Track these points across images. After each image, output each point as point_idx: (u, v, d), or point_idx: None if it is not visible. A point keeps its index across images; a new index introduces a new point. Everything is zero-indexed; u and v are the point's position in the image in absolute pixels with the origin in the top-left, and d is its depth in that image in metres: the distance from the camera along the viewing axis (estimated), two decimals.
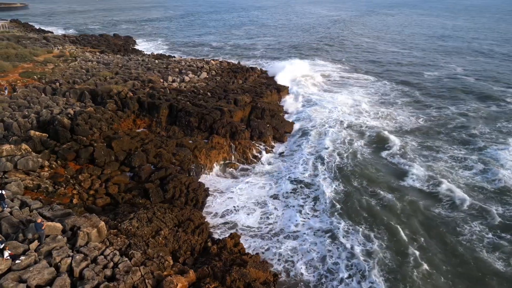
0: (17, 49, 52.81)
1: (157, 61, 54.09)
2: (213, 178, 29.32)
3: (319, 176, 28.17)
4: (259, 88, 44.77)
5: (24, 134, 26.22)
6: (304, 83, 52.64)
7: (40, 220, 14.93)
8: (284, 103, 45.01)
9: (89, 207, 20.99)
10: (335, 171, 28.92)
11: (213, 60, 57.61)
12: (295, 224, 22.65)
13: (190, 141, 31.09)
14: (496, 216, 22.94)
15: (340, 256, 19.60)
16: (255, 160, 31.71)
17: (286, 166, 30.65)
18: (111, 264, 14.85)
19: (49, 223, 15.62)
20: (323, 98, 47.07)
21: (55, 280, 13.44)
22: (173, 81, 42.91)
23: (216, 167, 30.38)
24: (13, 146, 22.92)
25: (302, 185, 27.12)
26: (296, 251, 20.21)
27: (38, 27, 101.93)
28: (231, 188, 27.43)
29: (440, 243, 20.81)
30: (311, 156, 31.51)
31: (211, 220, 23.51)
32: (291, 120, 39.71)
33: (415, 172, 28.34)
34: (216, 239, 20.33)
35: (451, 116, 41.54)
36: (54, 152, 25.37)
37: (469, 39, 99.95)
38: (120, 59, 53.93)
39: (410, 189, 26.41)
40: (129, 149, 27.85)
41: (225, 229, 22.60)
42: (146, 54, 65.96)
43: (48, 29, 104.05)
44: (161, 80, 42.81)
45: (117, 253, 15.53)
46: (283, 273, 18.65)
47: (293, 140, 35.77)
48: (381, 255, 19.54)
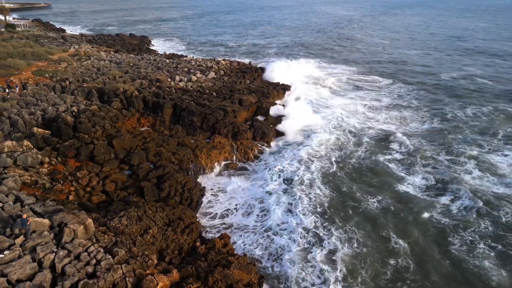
0: (33, 47, 54.34)
1: (168, 60, 54.62)
2: (213, 177, 29.33)
3: (313, 176, 27.87)
4: (266, 88, 44.59)
5: (28, 131, 26.93)
6: (313, 85, 52.12)
7: (25, 215, 15.26)
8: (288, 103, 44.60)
9: (84, 204, 21.34)
10: (330, 173, 28.48)
11: (224, 60, 57.73)
12: (284, 221, 22.46)
13: (191, 141, 31.23)
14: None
15: (319, 261, 19.25)
16: (256, 160, 31.59)
17: (284, 165, 30.26)
18: (94, 261, 15.02)
19: (36, 219, 15.95)
20: (330, 99, 46.45)
21: (36, 275, 13.68)
22: (180, 80, 43.24)
23: (216, 167, 30.41)
24: (14, 142, 23.55)
25: (293, 185, 26.71)
26: (283, 248, 20.08)
27: (58, 27, 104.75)
28: (230, 187, 27.38)
29: (432, 250, 20.21)
30: (311, 156, 31.19)
31: (208, 220, 23.52)
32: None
33: (414, 177, 27.76)
34: (206, 239, 20.32)
35: (464, 119, 40.23)
36: (55, 149, 25.93)
37: (489, 40, 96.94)
38: (132, 59, 54.74)
39: (405, 194, 25.69)
40: (130, 147, 28.19)
41: (220, 229, 22.52)
42: (159, 53, 66.77)
43: (68, 28, 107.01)
44: (169, 79, 43.22)
45: (101, 250, 15.70)
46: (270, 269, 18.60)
47: (293, 140, 35.28)
48: (363, 259, 19.23)
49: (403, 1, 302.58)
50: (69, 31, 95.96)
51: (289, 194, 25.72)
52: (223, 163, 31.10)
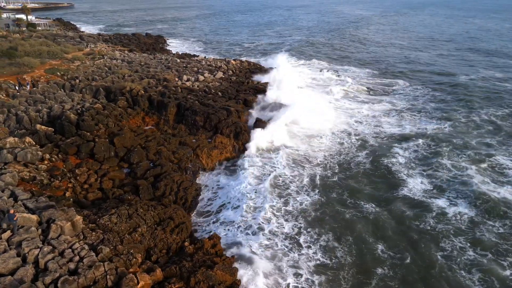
0: (50, 46, 55.77)
1: (178, 60, 55.03)
2: (213, 177, 29.34)
3: (310, 177, 27.60)
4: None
5: (33, 127, 27.59)
6: (322, 87, 51.47)
7: (12, 211, 15.60)
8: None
9: (79, 200, 21.67)
10: (331, 174, 28.06)
11: (234, 60, 57.76)
12: (270, 222, 22.27)
13: (193, 140, 31.35)
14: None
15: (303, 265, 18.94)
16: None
17: (282, 165, 30.01)
18: (77, 258, 15.20)
19: (24, 215, 16.28)
20: (338, 102, 45.77)
21: (18, 269, 13.94)
22: (188, 80, 43.49)
23: (217, 166, 30.39)
24: (16, 139, 24.17)
25: (289, 187, 26.45)
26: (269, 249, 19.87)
27: (78, 26, 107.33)
28: (229, 187, 27.29)
29: (420, 258, 19.58)
30: (311, 157, 30.85)
31: (202, 219, 23.53)
32: None
33: (414, 182, 27.11)
34: (195, 239, 20.29)
35: (478, 123, 39.06)
36: (57, 146, 26.47)
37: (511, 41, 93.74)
38: (144, 58, 55.44)
39: (400, 200, 24.99)
40: (131, 145, 28.51)
41: (212, 228, 22.48)
42: (171, 53, 67.41)
43: (87, 27, 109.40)
44: (176, 78, 43.53)
45: (86, 247, 15.88)
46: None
47: (294, 144, 34.84)
48: (349, 267, 18.82)
49: (426, 0, 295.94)
50: (88, 31, 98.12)
51: (279, 195, 25.53)
52: (224, 162, 31.08)
